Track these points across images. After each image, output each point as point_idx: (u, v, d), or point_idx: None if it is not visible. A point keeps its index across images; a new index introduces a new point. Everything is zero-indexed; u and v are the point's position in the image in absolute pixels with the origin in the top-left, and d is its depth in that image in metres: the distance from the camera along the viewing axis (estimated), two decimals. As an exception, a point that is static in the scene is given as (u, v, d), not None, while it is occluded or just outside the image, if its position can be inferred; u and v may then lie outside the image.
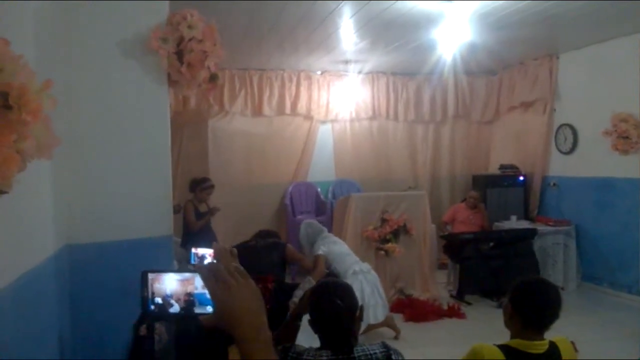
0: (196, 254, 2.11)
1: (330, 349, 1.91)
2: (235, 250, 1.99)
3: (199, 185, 5.81)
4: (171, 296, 1.23)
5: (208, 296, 1.00)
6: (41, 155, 1.23)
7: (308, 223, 5.18)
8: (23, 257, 1.95)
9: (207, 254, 2.10)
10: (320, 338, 1.98)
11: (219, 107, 7.55)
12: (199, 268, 1.01)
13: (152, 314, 1.24)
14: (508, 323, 2.11)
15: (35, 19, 2.10)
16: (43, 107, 1.10)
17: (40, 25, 2.15)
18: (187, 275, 1.22)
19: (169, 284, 1.25)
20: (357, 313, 1.99)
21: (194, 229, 5.67)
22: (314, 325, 2.01)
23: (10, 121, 1.01)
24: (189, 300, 1.20)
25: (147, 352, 1.76)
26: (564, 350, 2.04)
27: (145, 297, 1.24)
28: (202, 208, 5.80)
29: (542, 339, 2.02)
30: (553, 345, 2.03)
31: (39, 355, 2.11)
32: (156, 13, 2.59)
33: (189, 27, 2.48)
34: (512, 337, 2.07)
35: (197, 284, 1.25)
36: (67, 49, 2.45)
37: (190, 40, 2.50)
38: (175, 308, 1.22)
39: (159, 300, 1.25)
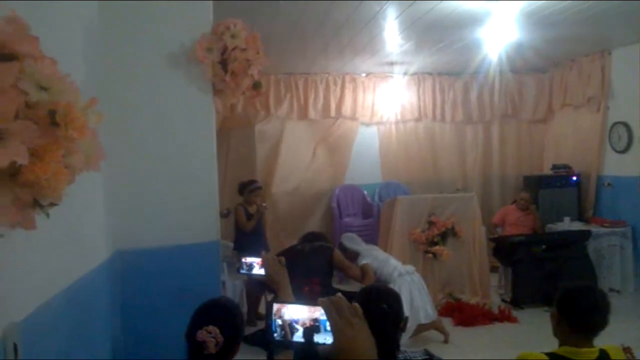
0: (245, 263, 2.14)
1: (373, 353, 1.90)
2: (283, 259, 2.03)
3: (247, 188, 5.87)
4: (297, 321, 1.26)
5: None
6: (89, 168, 1.29)
7: (347, 236, 5.28)
8: (77, 263, 2.03)
9: (255, 262, 2.12)
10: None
11: (265, 111, 7.65)
12: (322, 302, 1.07)
13: (276, 342, 1.27)
14: (556, 330, 2.07)
15: (84, 33, 2.19)
16: (89, 123, 1.15)
17: (89, 39, 2.24)
18: (311, 308, 1.25)
19: (295, 311, 1.28)
20: (402, 324, 1.98)
21: (246, 229, 5.74)
22: None
23: (58, 137, 1.07)
24: (315, 326, 1.22)
25: (205, 358, 1.80)
26: (616, 358, 1.98)
27: (268, 325, 1.28)
28: (252, 210, 5.86)
29: (592, 346, 1.97)
30: (603, 353, 1.97)
31: (92, 357, 2.19)
32: (201, 23, 2.65)
33: (233, 36, 2.53)
34: (560, 344, 2.02)
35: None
36: (115, 61, 2.53)
37: (233, 49, 2.55)
38: (300, 333, 1.25)
39: (280, 323, 1.28)
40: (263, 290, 5.49)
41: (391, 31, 5.60)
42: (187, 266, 2.72)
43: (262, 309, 5.78)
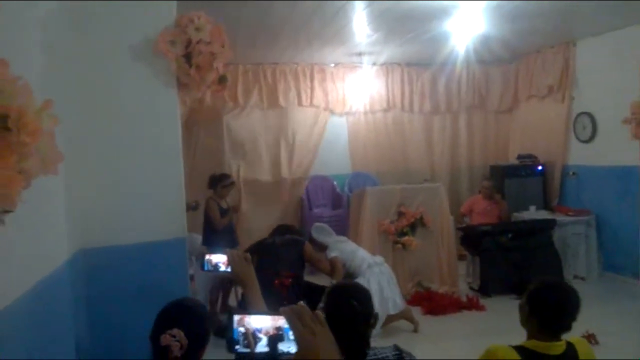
0: (209, 261, 2.09)
1: (342, 353, 1.89)
2: (249, 255, 2.00)
3: (220, 182, 5.66)
4: (260, 330, 1.23)
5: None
6: (46, 171, 1.24)
7: (317, 227, 5.27)
8: (38, 264, 1.97)
9: (220, 262, 2.08)
10: (333, 340, 1.96)
11: (233, 102, 7.56)
12: (284, 311, 1.07)
13: (238, 354, 1.25)
14: (524, 323, 2.09)
15: (42, 26, 2.11)
16: (43, 126, 1.10)
17: (47, 32, 2.16)
18: (274, 317, 1.23)
19: (257, 320, 1.25)
20: (372, 320, 1.97)
21: (218, 226, 5.54)
22: (328, 325, 1.99)
23: (10, 143, 1.02)
24: (278, 335, 1.20)
25: None
26: (582, 351, 2.01)
27: (230, 338, 1.25)
28: (223, 204, 5.69)
29: (559, 340, 2.00)
30: (570, 346, 2.00)
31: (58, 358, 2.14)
32: (164, 16, 2.58)
33: (197, 29, 2.48)
34: (529, 337, 2.05)
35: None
36: (75, 54, 2.46)
37: (198, 42, 2.49)
38: (263, 342, 1.22)
39: (243, 331, 1.25)
40: (232, 283, 5.46)
41: (360, 22, 5.58)
42: (153, 264, 2.68)
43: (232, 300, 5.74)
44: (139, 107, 2.63)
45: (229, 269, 2.02)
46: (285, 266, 4.38)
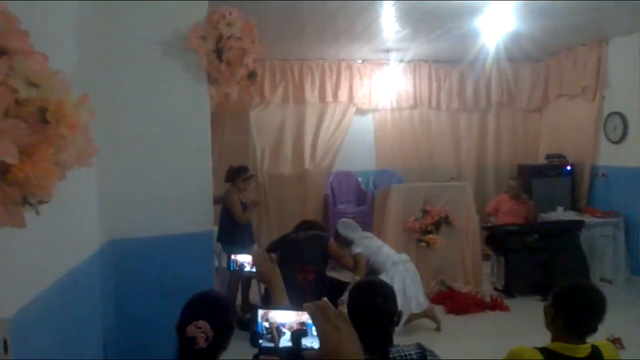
0: (235, 261, 2.11)
1: (366, 349, 1.90)
2: (274, 255, 2.03)
3: (240, 176, 5.43)
4: (284, 325, 1.25)
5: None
6: (81, 164, 1.27)
7: (343, 222, 5.26)
8: (69, 254, 2.02)
9: (246, 262, 2.09)
10: (355, 336, 1.97)
11: (260, 97, 7.60)
12: (308, 307, 1.07)
13: (262, 348, 1.27)
14: (549, 325, 2.07)
15: (76, 22, 2.16)
16: (80, 119, 1.13)
17: (81, 29, 2.20)
18: (298, 312, 1.24)
19: (282, 315, 1.27)
20: (395, 318, 1.97)
21: (241, 221, 5.29)
22: (351, 321, 2.00)
23: (49, 135, 1.05)
24: (302, 330, 1.22)
25: (196, 353, 1.79)
26: (607, 354, 1.98)
27: (254, 332, 1.27)
28: (243, 199, 5.48)
29: (584, 342, 1.97)
30: (596, 350, 1.98)
31: (85, 349, 2.19)
32: (196, 12, 2.62)
33: (228, 25, 2.50)
34: (553, 339, 2.03)
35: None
36: (108, 50, 2.51)
37: (229, 38, 2.52)
38: (287, 337, 1.24)
39: (267, 326, 1.27)
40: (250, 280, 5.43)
41: (387, 18, 5.55)
42: (180, 256, 2.72)
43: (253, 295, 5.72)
44: (170, 102, 2.66)
45: (254, 269, 2.04)
46: (308, 261, 4.40)
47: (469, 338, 4.98)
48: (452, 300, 5.72)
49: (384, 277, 4.66)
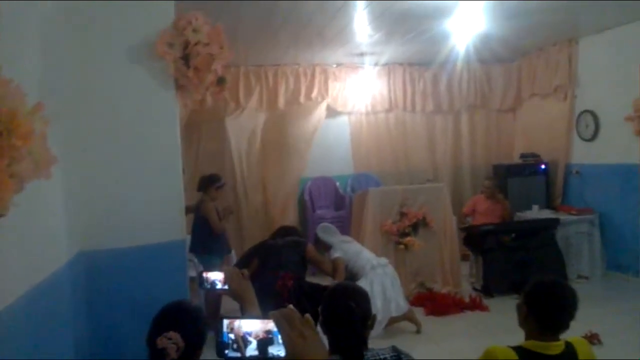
0: (207, 279, 2.08)
1: (340, 353, 1.89)
2: (246, 271, 2.01)
3: (214, 184, 5.33)
4: (250, 334, 1.24)
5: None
6: (39, 175, 1.24)
7: (322, 227, 5.26)
8: (36, 267, 1.97)
9: (217, 279, 2.07)
10: (330, 341, 1.96)
11: (235, 104, 7.56)
12: (273, 315, 1.06)
13: (228, 359, 1.25)
14: (523, 323, 2.08)
15: (40, 27, 2.11)
16: (35, 129, 1.10)
17: (44, 33, 2.16)
18: (264, 320, 1.23)
19: (247, 324, 1.25)
20: (370, 321, 1.97)
21: (218, 229, 5.19)
22: (326, 326, 1.99)
23: (1, 146, 1.01)
24: (268, 339, 1.20)
25: None
26: (581, 351, 2.00)
27: (219, 342, 1.25)
28: (217, 207, 5.36)
29: (558, 339, 1.99)
30: (569, 346, 1.99)
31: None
32: (162, 18, 2.58)
33: (194, 31, 2.47)
34: (527, 337, 2.03)
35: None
36: (72, 56, 2.45)
37: (196, 44, 2.49)
38: (253, 346, 1.22)
39: (233, 337, 1.25)
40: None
41: (360, 22, 5.58)
42: (152, 266, 2.67)
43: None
44: (137, 109, 2.62)
45: (226, 287, 2.01)
46: (287, 268, 4.38)
47: (449, 339, 5.00)
48: (431, 302, 5.74)
49: (363, 281, 4.66)
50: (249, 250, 4.90)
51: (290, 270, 4.38)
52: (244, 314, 1.88)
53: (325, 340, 1.94)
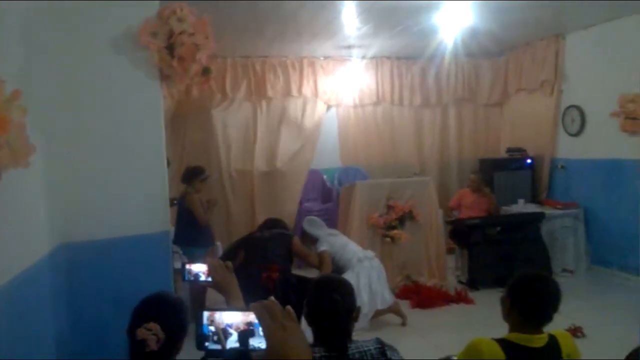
0: (189, 271, 2.05)
1: (324, 346, 1.89)
2: (230, 263, 1.98)
3: (198, 176, 5.30)
4: (231, 326, 1.22)
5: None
6: (17, 164, 1.21)
7: (308, 220, 5.25)
8: (17, 257, 1.95)
9: (201, 272, 2.04)
10: (314, 333, 1.96)
11: (222, 95, 7.50)
12: (254, 307, 1.06)
13: (208, 351, 1.23)
14: (506, 316, 2.09)
15: (22, 18, 2.08)
16: (11, 118, 1.07)
17: (27, 24, 2.12)
18: (245, 312, 1.21)
19: (228, 316, 1.24)
20: (354, 313, 1.96)
21: (203, 221, 5.17)
22: (310, 318, 1.99)
23: (-25, 134, 0.99)
24: (249, 330, 1.19)
25: (147, 356, 1.74)
26: (564, 343, 2.01)
27: (199, 335, 1.23)
28: (202, 199, 5.32)
29: (541, 332, 2.00)
30: (552, 339, 2.00)
31: (36, 355, 2.11)
32: (146, 7, 2.55)
33: (179, 20, 2.45)
34: (511, 330, 2.04)
35: None
36: (56, 46, 2.42)
37: (180, 33, 2.46)
38: (234, 338, 1.21)
39: (213, 329, 1.23)
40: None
41: (348, 14, 5.54)
42: (136, 257, 2.65)
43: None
44: (121, 100, 2.59)
45: (209, 279, 2.00)
46: (273, 260, 4.36)
47: (434, 332, 5.01)
48: (417, 295, 5.76)
49: (349, 274, 4.67)
50: (235, 243, 4.87)
51: (276, 262, 4.36)
52: (228, 306, 1.87)
53: (309, 332, 1.93)
